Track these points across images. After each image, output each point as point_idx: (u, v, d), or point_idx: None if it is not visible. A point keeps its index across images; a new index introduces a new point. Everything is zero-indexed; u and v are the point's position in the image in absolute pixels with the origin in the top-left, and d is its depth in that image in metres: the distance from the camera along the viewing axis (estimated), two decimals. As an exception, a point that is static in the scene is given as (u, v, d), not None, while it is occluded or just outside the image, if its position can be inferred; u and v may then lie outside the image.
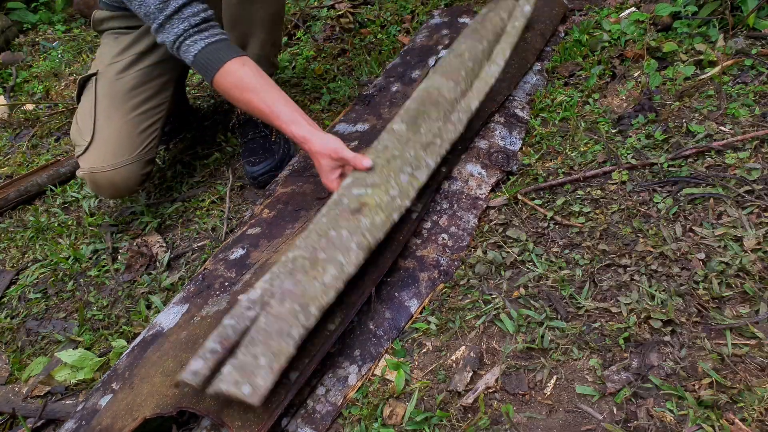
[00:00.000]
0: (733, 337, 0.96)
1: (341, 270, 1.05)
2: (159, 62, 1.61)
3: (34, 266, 1.61)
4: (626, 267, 1.12)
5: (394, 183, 1.20)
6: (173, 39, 1.30)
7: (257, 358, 0.92)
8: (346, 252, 1.07)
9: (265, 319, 0.98)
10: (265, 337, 0.95)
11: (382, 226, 1.14)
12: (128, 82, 1.56)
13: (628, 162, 1.34)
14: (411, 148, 1.27)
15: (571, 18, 1.98)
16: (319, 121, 1.94)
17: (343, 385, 1.04)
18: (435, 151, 1.30)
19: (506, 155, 1.45)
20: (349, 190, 1.19)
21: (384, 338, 1.11)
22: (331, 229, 1.10)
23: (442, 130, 1.33)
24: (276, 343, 0.94)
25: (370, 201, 1.16)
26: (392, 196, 1.18)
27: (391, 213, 1.16)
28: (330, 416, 1.00)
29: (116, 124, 1.51)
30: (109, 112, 1.53)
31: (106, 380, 1.14)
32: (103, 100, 1.54)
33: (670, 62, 1.62)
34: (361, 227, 1.11)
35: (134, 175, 1.53)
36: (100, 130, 1.51)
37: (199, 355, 0.96)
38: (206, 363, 0.93)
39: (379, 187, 1.18)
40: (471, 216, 1.32)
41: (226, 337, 0.97)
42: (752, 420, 0.85)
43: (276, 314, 0.98)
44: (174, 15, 1.28)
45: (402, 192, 1.20)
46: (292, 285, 1.02)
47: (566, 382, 0.97)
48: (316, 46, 2.37)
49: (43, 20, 3.47)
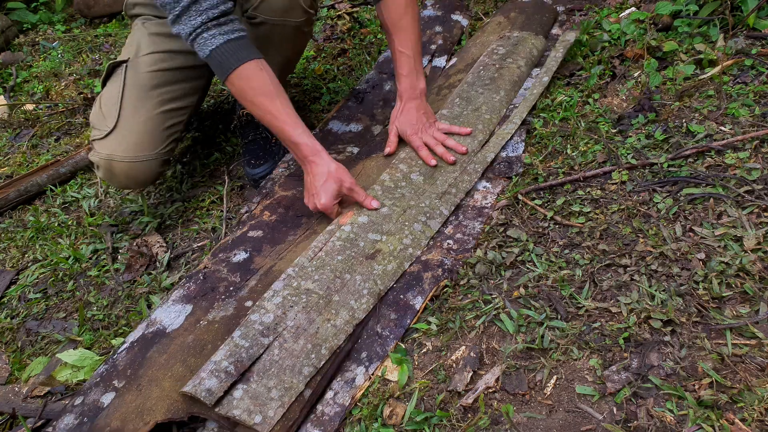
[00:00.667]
0: (733, 337, 0.96)
1: (353, 316, 1.13)
2: (195, 66, 1.58)
3: (34, 266, 1.61)
4: (626, 267, 1.12)
5: (408, 232, 1.28)
6: (189, 31, 1.26)
7: (270, 390, 1.00)
8: (358, 298, 1.16)
9: (279, 352, 1.05)
10: (279, 370, 1.03)
11: (394, 274, 1.22)
12: (160, 78, 1.53)
13: (628, 162, 1.34)
14: (426, 198, 1.36)
15: (571, 18, 1.98)
16: (318, 120, 1.94)
17: (350, 386, 1.05)
18: (450, 200, 1.37)
19: (509, 162, 1.45)
20: (366, 233, 1.27)
21: (390, 337, 1.11)
22: (346, 272, 1.19)
23: (458, 180, 1.41)
24: (288, 378, 1.02)
25: (385, 248, 1.25)
26: (405, 245, 1.26)
27: (402, 262, 1.24)
28: (338, 417, 1.00)
29: (142, 117, 1.50)
30: (136, 104, 1.50)
31: (105, 375, 1.14)
32: (132, 89, 1.51)
33: (670, 62, 1.62)
34: (373, 274, 1.20)
35: (151, 172, 1.53)
36: (125, 119, 1.49)
37: (213, 373, 1.00)
38: (221, 384, 0.99)
39: (394, 235, 1.27)
40: (477, 223, 1.33)
41: (240, 360, 1.03)
42: (752, 420, 0.85)
43: (290, 350, 1.05)
44: (192, 6, 1.23)
45: (414, 241, 1.28)
46: (306, 322, 1.10)
47: (566, 382, 0.97)
48: (316, 46, 2.37)
49: (43, 20, 3.48)
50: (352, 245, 1.24)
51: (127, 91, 1.52)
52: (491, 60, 1.71)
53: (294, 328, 1.09)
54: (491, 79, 1.64)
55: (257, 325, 1.09)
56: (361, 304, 1.15)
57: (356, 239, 1.25)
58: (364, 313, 1.14)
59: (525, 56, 1.72)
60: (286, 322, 1.10)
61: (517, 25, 1.86)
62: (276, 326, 1.09)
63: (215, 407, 0.97)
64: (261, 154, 1.71)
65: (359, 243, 1.25)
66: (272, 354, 1.05)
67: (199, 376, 1.00)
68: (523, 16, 1.91)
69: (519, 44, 1.75)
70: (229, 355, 1.03)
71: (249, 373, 1.02)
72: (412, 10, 1.44)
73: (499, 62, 1.69)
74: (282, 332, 1.08)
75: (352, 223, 1.29)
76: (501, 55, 1.71)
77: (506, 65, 1.67)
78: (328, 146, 1.66)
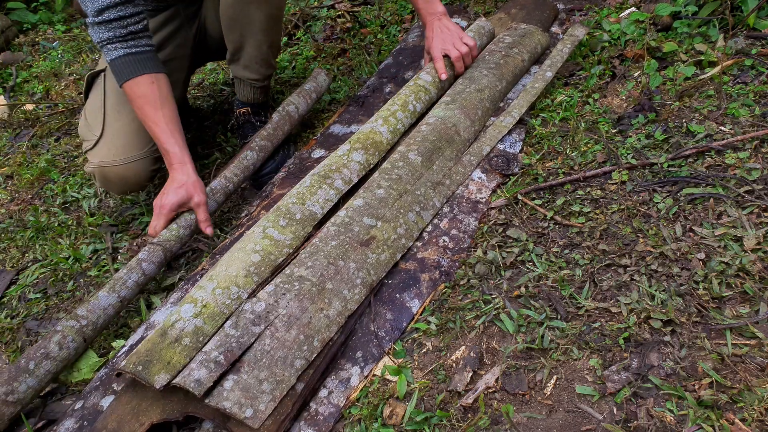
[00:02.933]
0: (733, 337, 0.96)
1: (345, 306, 1.12)
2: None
3: (34, 266, 1.61)
4: (626, 267, 1.12)
5: (402, 221, 1.27)
6: (97, 41, 1.40)
7: (261, 383, 0.98)
8: (351, 287, 1.14)
9: (271, 342, 1.03)
10: (270, 362, 1.00)
11: (386, 265, 1.21)
12: None
13: (628, 162, 1.34)
14: (422, 186, 1.34)
15: (571, 18, 1.98)
16: (319, 121, 1.94)
17: (345, 386, 1.04)
18: (443, 192, 1.36)
19: (506, 158, 1.45)
20: (361, 217, 1.24)
21: (386, 339, 1.11)
22: (339, 258, 1.16)
23: (453, 171, 1.40)
24: (280, 371, 1.00)
25: (379, 235, 1.23)
26: (399, 234, 1.25)
27: (395, 253, 1.24)
28: (333, 418, 1.00)
29: (126, 119, 1.52)
30: (118, 108, 1.53)
31: (105, 379, 1.14)
32: (111, 95, 1.55)
33: (670, 62, 1.62)
34: (367, 263, 1.18)
35: (144, 171, 1.53)
36: (109, 125, 1.52)
37: (203, 363, 0.98)
38: (210, 374, 0.97)
39: (389, 222, 1.26)
40: (472, 219, 1.32)
41: (230, 349, 1.00)
42: (752, 420, 0.85)
43: (281, 340, 1.03)
44: (104, 23, 1.36)
45: (408, 231, 1.27)
46: (299, 311, 1.08)
47: (566, 382, 0.97)
48: (316, 46, 2.37)
49: (43, 20, 3.48)
50: (346, 230, 1.21)
51: (108, 98, 1.56)
52: (497, 47, 1.69)
53: (286, 317, 1.06)
54: (497, 64, 1.63)
55: (248, 314, 1.06)
56: (354, 294, 1.13)
57: (351, 223, 1.22)
58: (356, 304, 1.13)
59: (530, 51, 1.71)
60: (278, 311, 1.07)
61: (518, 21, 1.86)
62: (267, 314, 1.06)
63: (205, 398, 0.95)
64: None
65: (354, 228, 1.22)
66: (263, 344, 1.02)
67: (189, 366, 0.98)
68: (523, 11, 1.91)
69: (526, 36, 1.73)
70: (219, 344, 1.00)
71: (239, 363, 0.99)
72: None
73: (506, 50, 1.67)
74: (274, 321, 1.05)
75: (348, 207, 1.27)
76: (507, 44, 1.70)
77: (512, 55, 1.66)
78: (329, 147, 1.66)
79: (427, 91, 1.57)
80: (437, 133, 1.43)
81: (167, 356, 0.99)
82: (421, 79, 1.59)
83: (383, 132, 1.44)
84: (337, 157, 1.37)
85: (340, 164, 1.35)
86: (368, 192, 1.29)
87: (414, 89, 1.56)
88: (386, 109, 1.50)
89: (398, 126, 1.48)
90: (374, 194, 1.29)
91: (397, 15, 2.39)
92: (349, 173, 1.35)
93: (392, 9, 2.44)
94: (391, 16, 2.40)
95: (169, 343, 1.01)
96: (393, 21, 2.36)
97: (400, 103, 1.51)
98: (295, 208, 1.25)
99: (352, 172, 1.35)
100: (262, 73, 1.69)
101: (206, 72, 2.51)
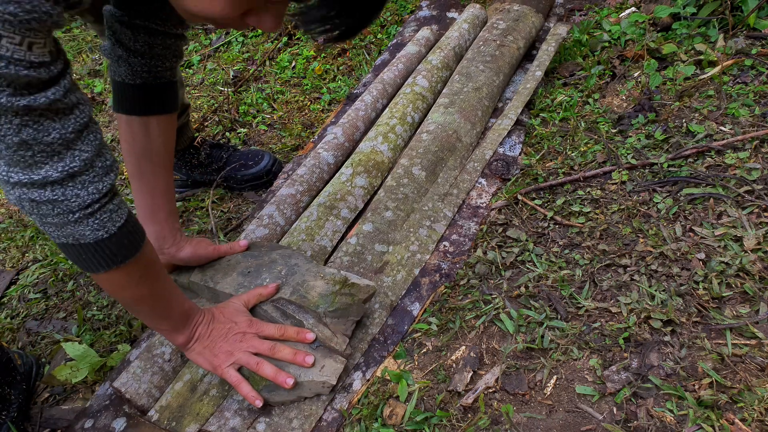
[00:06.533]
0: (733, 337, 0.96)
1: (366, 332, 1.13)
2: None
3: (34, 266, 1.61)
4: (626, 267, 1.12)
5: (414, 238, 1.27)
6: None
7: (291, 421, 1.00)
8: (369, 314, 1.15)
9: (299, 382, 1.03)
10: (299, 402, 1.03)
11: (404, 283, 1.20)
12: None
13: (628, 162, 1.34)
14: (429, 201, 1.34)
15: (571, 18, 1.98)
16: (319, 121, 1.94)
17: (348, 391, 1.04)
18: (452, 201, 1.36)
19: (506, 162, 1.45)
20: (372, 244, 1.25)
21: (387, 343, 1.11)
22: None
23: (459, 179, 1.40)
24: (308, 407, 1.02)
25: (392, 259, 1.23)
26: (412, 252, 1.25)
27: (412, 269, 1.23)
28: (336, 423, 1.00)
29: None
30: None
31: (114, 399, 1.09)
32: None
33: (670, 62, 1.62)
34: (383, 287, 1.19)
35: None
36: None
37: (237, 413, 1.02)
38: (244, 422, 1.01)
39: (400, 243, 1.26)
40: (472, 224, 1.32)
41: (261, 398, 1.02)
42: (752, 420, 0.85)
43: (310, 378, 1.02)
44: None
45: (422, 246, 1.27)
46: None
47: (566, 382, 0.97)
48: (316, 46, 2.37)
49: (43, 20, 3.47)
50: (360, 260, 1.22)
51: None
52: (491, 35, 1.68)
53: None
54: (492, 56, 1.61)
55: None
56: (373, 319, 1.14)
57: (363, 252, 1.23)
58: (377, 328, 1.14)
59: (525, 37, 1.70)
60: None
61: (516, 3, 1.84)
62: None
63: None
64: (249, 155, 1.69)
65: (367, 257, 1.23)
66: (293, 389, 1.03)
67: (224, 416, 1.01)
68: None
69: (520, 20, 1.72)
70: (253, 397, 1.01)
71: (270, 406, 1.02)
72: None
73: (500, 38, 1.66)
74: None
75: (358, 233, 1.27)
76: (501, 31, 1.68)
77: (507, 44, 1.64)
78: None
79: (424, 98, 1.58)
80: (439, 143, 1.43)
81: (197, 409, 1.04)
82: (418, 85, 1.58)
83: (384, 151, 1.44)
84: (340, 184, 1.37)
85: (344, 192, 1.35)
86: (376, 215, 1.30)
87: (411, 98, 1.55)
88: (385, 123, 1.50)
89: (398, 141, 1.49)
90: (383, 217, 1.29)
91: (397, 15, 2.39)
92: (354, 200, 1.35)
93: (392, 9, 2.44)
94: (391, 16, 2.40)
95: (198, 396, 1.05)
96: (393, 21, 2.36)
97: (399, 116, 1.51)
98: (305, 246, 1.25)
99: (357, 198, 1.36)
100: None
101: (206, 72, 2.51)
